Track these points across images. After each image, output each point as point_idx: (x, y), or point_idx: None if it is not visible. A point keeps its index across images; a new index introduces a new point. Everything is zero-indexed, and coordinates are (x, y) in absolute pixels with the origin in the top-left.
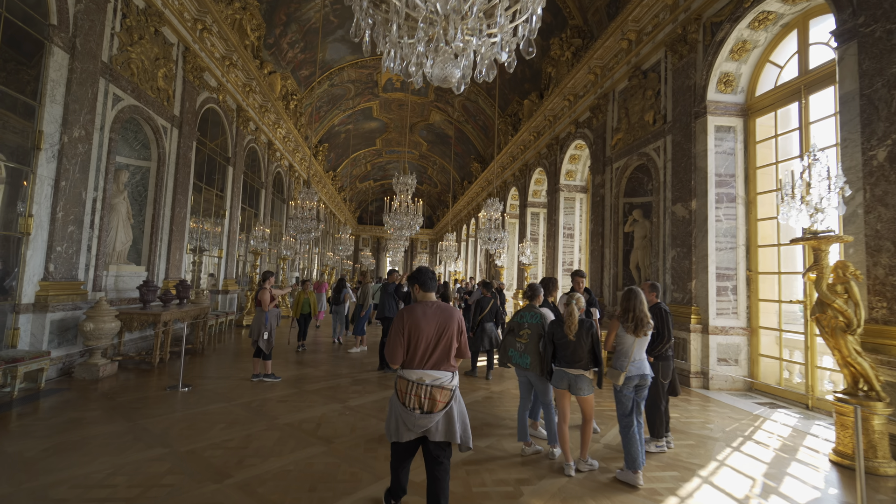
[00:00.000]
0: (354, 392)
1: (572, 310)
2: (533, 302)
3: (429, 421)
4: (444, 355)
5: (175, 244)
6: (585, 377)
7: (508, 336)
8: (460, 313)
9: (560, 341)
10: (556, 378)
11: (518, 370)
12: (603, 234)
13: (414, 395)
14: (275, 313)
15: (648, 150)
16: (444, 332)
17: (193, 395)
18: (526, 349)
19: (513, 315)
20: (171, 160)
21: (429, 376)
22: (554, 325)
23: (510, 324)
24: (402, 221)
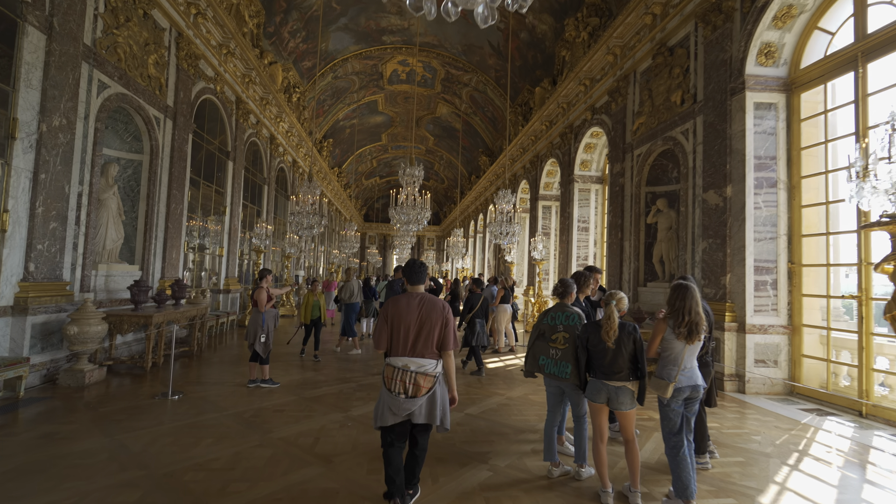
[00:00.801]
0: (358, 399)
1: (611, 312)
2: (564, 300)
3: (413, 405)
4: (426, 344)
5: (171, 242)
6: (628, 390)
7: (538, 341)
8: (445, 304)
9: (596, 348)
10: (591, 390)
11: (549, 380)
12: (622, 227)
13: (399, 381)
14: (272, 314)
15: (675, 134)
16: (426, 323)
17: (183, 404)
18: (563, 356)
19: (540, 317)
20: (166, 153)
21: (414, 363)
22: (588, 330)
23: (539, 327)
24: (408, 215)
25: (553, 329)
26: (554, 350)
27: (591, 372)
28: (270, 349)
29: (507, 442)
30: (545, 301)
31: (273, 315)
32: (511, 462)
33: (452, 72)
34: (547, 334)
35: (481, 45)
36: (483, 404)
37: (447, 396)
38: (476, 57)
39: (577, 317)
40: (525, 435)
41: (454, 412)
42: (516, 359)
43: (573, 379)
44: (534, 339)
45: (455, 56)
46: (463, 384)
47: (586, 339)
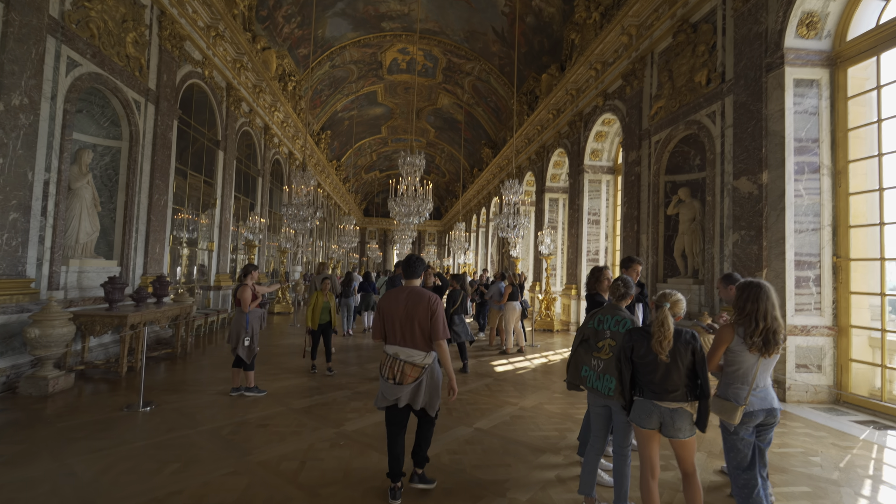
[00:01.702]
0: (353, 411)
1: (665, 317)
2: (620, 301)
3: (399, 391)
4: (413, 334)
5: (154, 235)
6: (686, 413)
7: (581, 349)
8: (433, 297)
9: (644, 360)
10: (640, 413)
11: (594, 397)
12: (638, 219)
13: (388, 367)
14: (258, 314)
15: (699, 117)
16: (412, 314)
17: (154, 418)
18: (606, 368)
19: (586, 319)
20: (147, 140)
21: (403, 352)
22: (634, 337)
23: (583, 331)
24: (409, 207)
25: (599, 335)
26: (597, 361)
27: (638, 390)
28: (256, 353)
29: (525, 466)
30: (553, 297)
31: (259, 315)
32: (534, 496)
33: (454, 60)
34: (591, 341)
35: (485, 31)
36: (494, 416)
37: (437, 385)
38: (479, 44)
39: (629, 324)
40: (545, 457)
41: (462, 427)
42: (526, 360)
43: (617, 397)
44: (576, 344)
45: (457, 43)
46: (469, 392)
47: (630, 348)
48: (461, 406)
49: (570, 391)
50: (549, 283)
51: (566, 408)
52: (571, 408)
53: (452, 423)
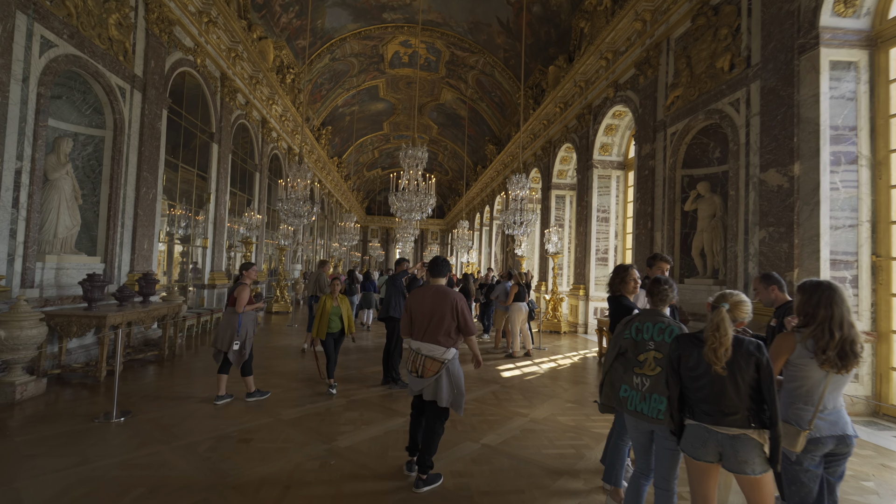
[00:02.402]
0: (347, 423)
1: (722, 320)
2: (661, 305)
3: (421, 384)
4: (437, 330)
5: (142, 231)
6: (752, 442)
7: (618, 364)
8: (458, 296)
9: (693, 373)
10: (692, 440)
11: (635, 420)
12: (653, 215)
13: (412, 361)
14: (251, 317)
15: (721, 106)
16: (436, 312)
17: (126, 430)
18: (654, 387)
19: (618, 326)
20: (134, 130)
21: (425, 347)
22: (682, 345)
23: (617, 342)
24: (410, 202)
25: (639, 346)
26: (640, 378)
27: (688, 411)
28: (246, 358)
29: (541, 492)
30: (561, 298)
31: (252, 318)
32: None
33: (458, 53)
34: (630, 354)
35: (489, 22)
36: (502, 430)
37: (460, 383)
38: (483, 36)
39: (676, 331)
40: (563, 481)
41: (468, 442)
42: (534, 365)
43: (667, 420)
44: (611, 359)
45: (460, 35)
46: (475, 400)
47: (678, 358)
48: (466, 417)
49: (583, 401)
50: (556, 283)
51: (581, 420)
52: (587, 420)
53: (458, 438)
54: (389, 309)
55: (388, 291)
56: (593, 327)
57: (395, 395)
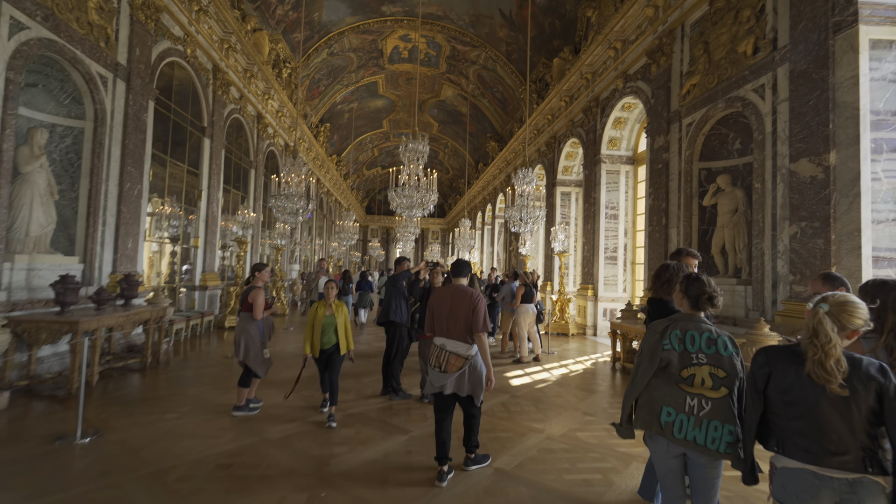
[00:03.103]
0: (342, 441)
1: (819, 322)
2: (696, 311)
3: (444, 379)
4: (457, 327)
5: (126, 229)
6: (877, 487)
7: (660, 381)
8: (476, 294)
9: (787, 396)
10: (796, 488)
11: (672, 446)
12: (667, 211)
13: (436, 357)
14: (269, 322)
15: (744, 93)
16: (457, 309)
17: (89, 454)
18: (716, 412)
19: (651, 334)
20: (117, 121)
21: (450, 344)
22: (774, 360)
23: (654, 352)
24: (411, 199)
25: (684, 359)
26: (697, 399)
27: (775, 444)
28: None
29: None
30: (568, 299)
31: (270, 324)
32: None
33: (458, 48)
34: (674, 368)
35: (491, 14)
36: (517, 450)
37: (482, 375)
38: (485, 29)
39: (730, 343)
40: None
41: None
42: (544, 371)
43: (733, 456)
44: (648, 374)
45: (462, 29)
46: (485, 413)
47: (767, 375)
48: None
49: (601, 413)
50: (564, 283)
51: (603, 437)
52: (609, 436)
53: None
54: (389, 312)
55: (388, 293)
56: (604, 329)
57: (396, 407)
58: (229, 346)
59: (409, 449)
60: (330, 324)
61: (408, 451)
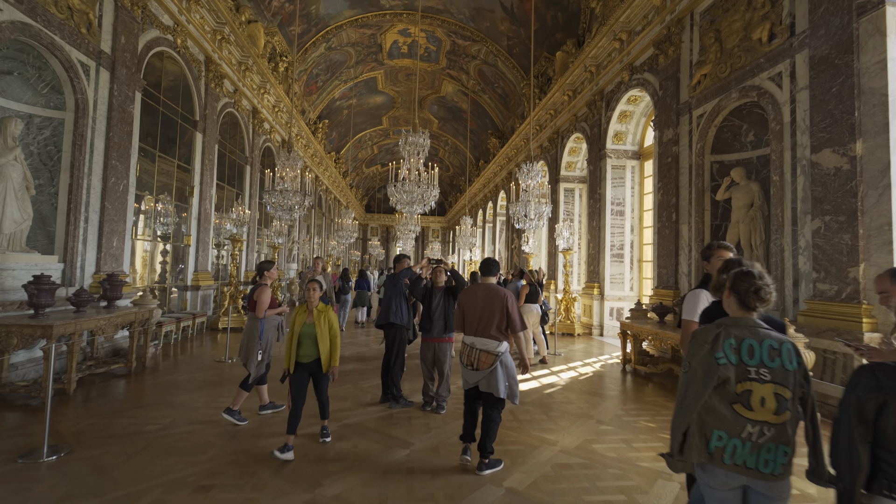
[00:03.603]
0: (336, 458)
1: None
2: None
3: (476, 376)
4: (488, 325)
5: (111, 226)
6: None
7: (714, 400)
8: (507, 294)
9: None
10: None
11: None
12: (677, 206)
13: (467, 355)
14: (275, 322)
15: (759, 81)
16: (487, 308)
17: (54, 475)
18: (778, 437)
19: (703, 349)
20: (101, 113)
21: (479, 342)
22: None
23: (711, 366)
24: (411, 194)
25: (742, 372)
26: (759, 427)
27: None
28: (266, 370)
29: None
30: (573, 298)
31: (276, 325)
32: None
33: (459, 42)
34: (731, 384)
35: (492, 7)
36: (529, 466)
37: (514, 374)
38: (486, 23)
39: (794, 353)
40: None
41: (488, 485)
42: (552, 374)
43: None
44: (700, 392)
45: (462, 23)
46: None
47: (881, 405)
48: None
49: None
50: (568, 282)
51: (622, 449)
52: (629, 449)
53: (476, 479)
54: (389, 314)
55: (388, 293)
56: (611, 329)
57: (396, 416)
58: (222, 348)
59: (411, 466)
60: (308, 334)
61: (409, 468)
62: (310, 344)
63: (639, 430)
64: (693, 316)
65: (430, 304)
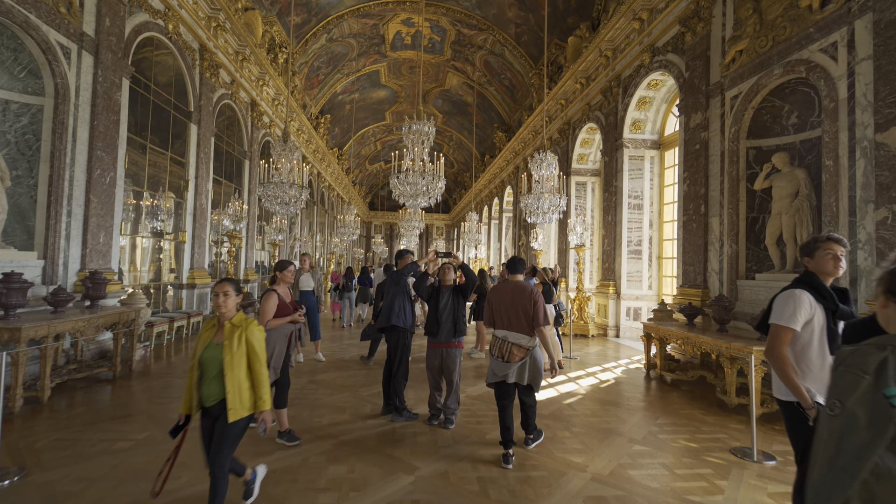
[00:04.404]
0: (330, 485)
1: None
2: None
3: (507, 368)
4: (518, 320)
5: (97, 221)
6: None
7: (890, 459)
8: (534, 290)
9: None
10: None
11: None
12: (706, 197)
13: (498, 348)
14: (285, 332)
15: (809, 54)
16: (517, 304)
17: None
18: None
19: (853, 376)
20: (84, 99)
21: (511, 336)
22: None
23: (870, 407)
24: (415, 186)
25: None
26: None
27: None
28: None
29: None
30: (587, 297)
31: (285, 334)
32: None
33: (464, 31)
34: (882, 430)
35: None
36: (556, 498)
37: (541, 366)
38: (493, 10)
39: None
40: None
41: None
42: (570, 381)
43: None
44: (868, 450)
45: (467, 11)
46: None
47: None
48: (501, 474)
49: (653, 440)
50: (582, 280)
51: (666, 478)
52: (673, 476)
53: None
54: (392, 315)
55: (390, 292)
56: (627, 331)
57: (399, 432)
58: None
59: (416, 498)
60: (212, 360)
61: (414, 500)
62: (212, 378)
63: (679, 452)
64: (792, 322)
65: (438, 304)
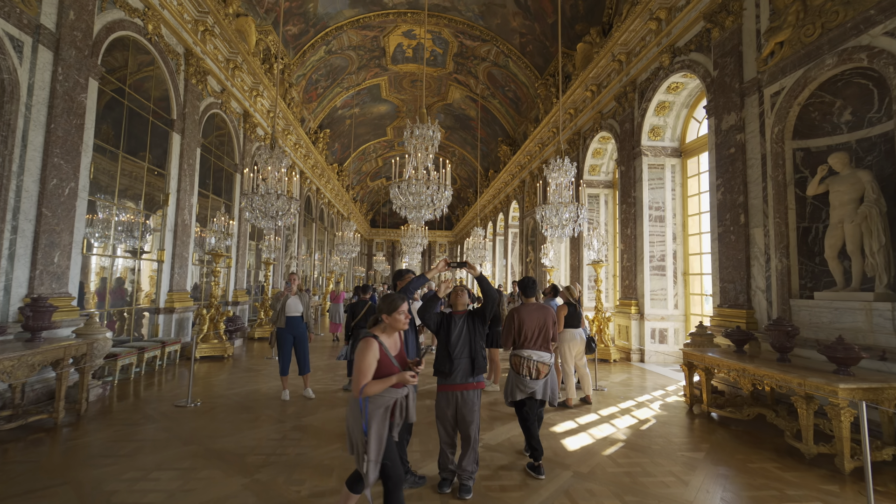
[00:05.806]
0: None
1: None
2: None
3: (536, 385)
4: (543, 341)
5: (51, 237)
6: None
7: None
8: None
9: None
10: None
11: None
12: (746, 206)
13: (526, 367)
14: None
15: (870, 39)
16: (543, 325)
17: None
18: None
19: None
20: (39, 99)
21: (536, 354)
22: None
23: None
24: (419, 197)
25: None
26: None
27: None
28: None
29: None
30: (606, 318)
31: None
32: None
33: (467, 43)
34: None
35: (503, 2)
36: None
37: (555, 381)
38: (496, 20)
39: None
40: None
41: None
42: (603, 421)
43: None
44: None
45: (470, 21)
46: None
47: None
48: None
49: None
50: (601, 300)
51: None
52: None
53: None
54: None
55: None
56: (653, 355)
57: None
58: (196, 382)
59: None
60: None
61: None
62: None
63: None
64: None
65: (449, 336)
